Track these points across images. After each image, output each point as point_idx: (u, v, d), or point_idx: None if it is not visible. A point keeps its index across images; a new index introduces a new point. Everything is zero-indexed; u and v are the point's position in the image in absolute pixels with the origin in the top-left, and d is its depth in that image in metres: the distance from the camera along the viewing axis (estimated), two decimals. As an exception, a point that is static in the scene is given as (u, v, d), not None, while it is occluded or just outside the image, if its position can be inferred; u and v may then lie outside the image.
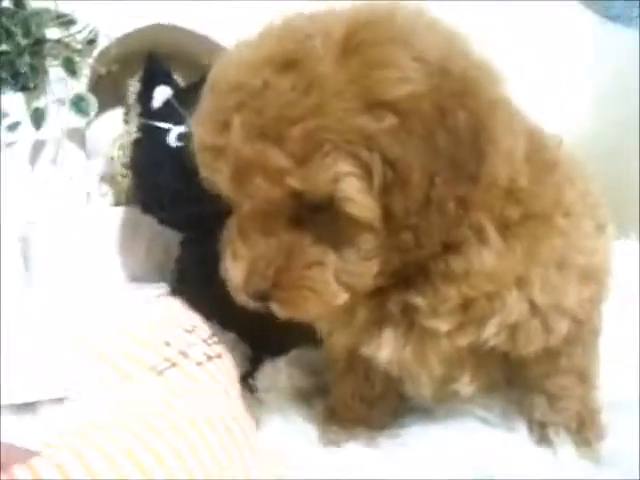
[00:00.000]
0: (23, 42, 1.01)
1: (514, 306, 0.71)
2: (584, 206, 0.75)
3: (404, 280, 0.72)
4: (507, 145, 0.66)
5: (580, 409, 0.82)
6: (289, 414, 0.91)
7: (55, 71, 1.07)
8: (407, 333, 0.75)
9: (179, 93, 1.03)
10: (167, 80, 1.05)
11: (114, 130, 1.22)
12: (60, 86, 1.07)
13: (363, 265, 0.67)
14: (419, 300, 0.72)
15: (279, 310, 0.71)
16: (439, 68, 0.62)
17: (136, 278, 1.16)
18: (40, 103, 1.06)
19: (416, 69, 0.61)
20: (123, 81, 1.14)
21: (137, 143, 1.05)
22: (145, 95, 1.05)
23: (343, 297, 0.69)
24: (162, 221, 1.05)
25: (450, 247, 0.69)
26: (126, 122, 1.24)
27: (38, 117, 1.05)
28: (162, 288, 1.12)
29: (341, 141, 0.60)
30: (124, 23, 1.13)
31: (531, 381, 0.82)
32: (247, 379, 1.01)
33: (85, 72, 1.10)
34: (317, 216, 0.65)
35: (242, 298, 0.73)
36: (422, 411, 0.89)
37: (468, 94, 0.63)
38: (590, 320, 0.78)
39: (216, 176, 0.68)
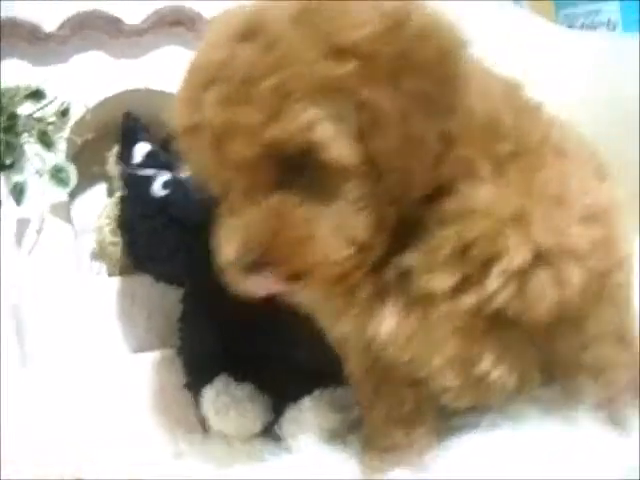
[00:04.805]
0: (-4, 121, 1.00)
1: (516, 246, 0.65)
2: (578, 149, 0.72)
3: (401, 244, 0.68)
4: (480, 81, 0.67)
5: (630, 378, 0.74)
6: (324, 454, 0.82)
7: (31, 147, 1.05)
8: (408, 304, 0.70)
9: (159, 145, 1.01)
10: (146, 137, 1.03)
11: (99, 205, 1.20)
12: (38, 161, 1.05)
13: (356, 216, 0.64)
14: (413, 258, 0.68)
15: (279, 274, 0.65)
16: (398, 12, 0.63)
17: (138, 350, 1.09)
18: (19, 178, 1.03)
19: (374, 14, 0.62)
20: (101, 151, 1.12)
21: (123, 200, 1.01)
22: (125, 153, 1.03)
23: (346, 251, 0.65)
24: (159, 276, 1.00)
25: (443, 190, 0.66)
26: (110, 196, 1.22)
27: (18, 192, 1.02)
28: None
29: (309, 88, 0.61)
30: (94, 92, 1.12)
31: (567, 360, 0.74)
32: (271, 429, 0.94)
33: (61, 146, 1.08)
34: (300, 176, 0.64)
35: (235, 277, 0.66)
36: (464, 428, 0.81)
37: (430, 32, 0.63)
38: (612, 272, 0.71)
39: (198, 158, 0.67)
